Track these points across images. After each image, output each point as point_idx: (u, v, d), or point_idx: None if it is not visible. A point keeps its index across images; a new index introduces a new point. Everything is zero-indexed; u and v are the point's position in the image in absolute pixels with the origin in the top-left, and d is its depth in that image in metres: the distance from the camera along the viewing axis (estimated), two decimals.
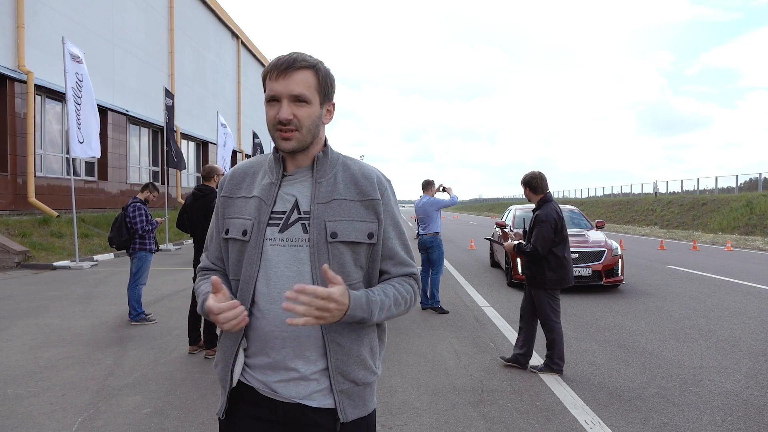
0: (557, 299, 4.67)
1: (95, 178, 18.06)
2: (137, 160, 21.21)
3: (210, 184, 5.48)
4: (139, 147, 21.40)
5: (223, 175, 5.53)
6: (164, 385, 4.27)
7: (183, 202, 22.59)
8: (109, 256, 13.29)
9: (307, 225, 1.36)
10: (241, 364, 1.40)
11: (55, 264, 11.41)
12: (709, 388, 4.28)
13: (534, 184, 4.75)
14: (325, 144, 1.46)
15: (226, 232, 1.43)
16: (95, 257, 12.73)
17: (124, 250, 6.69)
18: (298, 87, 1.34)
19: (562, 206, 11.61)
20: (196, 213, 5.28)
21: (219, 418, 1.45)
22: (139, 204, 6.51)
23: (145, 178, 21.47)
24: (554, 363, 4.55)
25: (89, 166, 17.92)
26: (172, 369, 4.71)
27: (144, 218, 6.43)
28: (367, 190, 1.41)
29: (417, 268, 1.52)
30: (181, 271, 10.86)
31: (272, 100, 1.36)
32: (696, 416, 3.72)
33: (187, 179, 25.99)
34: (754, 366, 4.84)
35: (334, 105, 1.46)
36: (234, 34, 32.36)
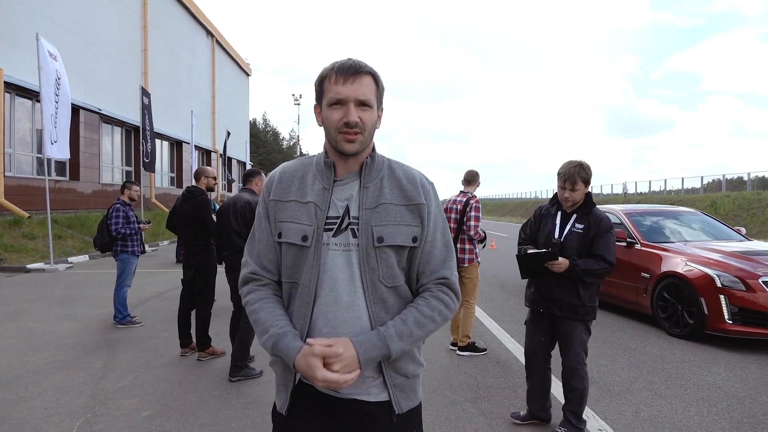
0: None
1: (66, 178, 17.60)
2: (110, 160, 20.73)
3: (199, 185, 5.41)
4: (111, 146, 20.92)
5: (214, 177, 5.49)
6: (160, 388, 4.24)
7: (156, 202, 22.25)
8: (83, 258, 12.98)
9: (356, 230, 1.40)
10: None
11: (28, 266, 11.09)
12: (692, 381, 4.46)
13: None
14: (373, 149, 1.49)
15: (279, 236, 1.45)
16: (69, 259, 12.41)
17: (109, 252, 6.58)
18: (365, 91, 1.39)
19: (669, 208, 8.51)
20: (185, 214, 5.22)
21: (280, 414, 1.47)
22: (118, 206, 6.38)
23: (118, 178, 21.00)
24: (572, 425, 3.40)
25: (60, 165, 17.45)
26: (166, 372, 4.67)
27: (120, 221, 6.30)
28: (412, 195, 1.45)
29: (452, 271, 1.51)
30: (162, 273, 10.69)
31: (337, 103, 1.39)
32: (683, 408, 3.88)
33: (161, 180, 25.53)
34: (732, 359, 5.06)
35: (383, 111, 1.50)
36: (208, 33, 31.90)
